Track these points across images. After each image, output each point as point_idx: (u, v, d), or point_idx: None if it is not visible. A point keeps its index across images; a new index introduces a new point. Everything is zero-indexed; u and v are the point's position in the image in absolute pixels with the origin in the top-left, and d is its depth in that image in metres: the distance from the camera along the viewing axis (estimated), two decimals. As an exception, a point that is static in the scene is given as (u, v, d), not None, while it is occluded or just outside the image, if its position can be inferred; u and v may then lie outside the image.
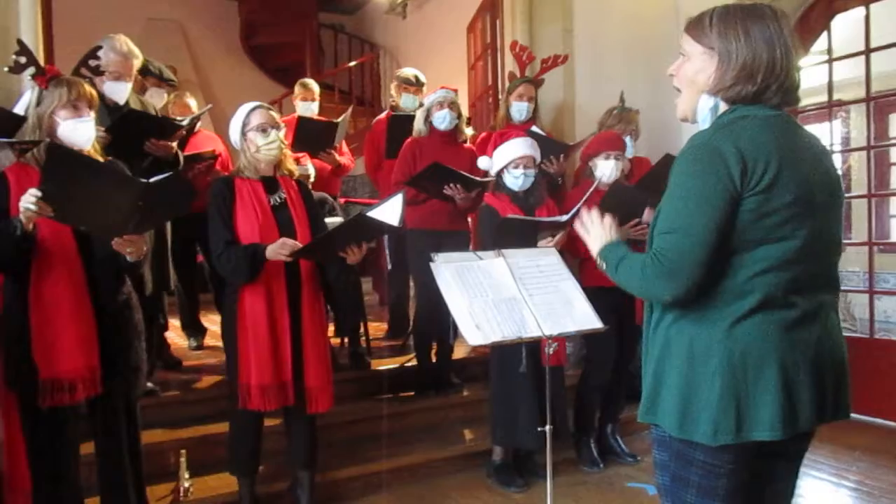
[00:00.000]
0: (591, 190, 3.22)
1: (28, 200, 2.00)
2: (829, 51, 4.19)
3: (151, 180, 2.07)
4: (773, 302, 1.43)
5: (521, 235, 3.06)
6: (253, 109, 2.72)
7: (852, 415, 1.60)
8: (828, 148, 1.59)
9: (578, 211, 3.06)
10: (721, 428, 1.41)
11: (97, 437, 2.41)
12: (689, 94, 1.55)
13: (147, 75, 3.89)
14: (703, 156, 1.42)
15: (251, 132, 2.69)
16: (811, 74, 4.40)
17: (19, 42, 2.33)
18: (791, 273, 1.44)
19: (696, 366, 1.45)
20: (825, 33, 4.17)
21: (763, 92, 1.45)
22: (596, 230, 1.69)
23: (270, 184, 2.72)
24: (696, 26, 1.53)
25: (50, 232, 2.18)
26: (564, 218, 3.06)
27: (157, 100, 3.88)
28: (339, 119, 4.36)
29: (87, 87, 2.30)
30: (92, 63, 2.49)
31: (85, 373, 2.21)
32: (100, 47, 2.94)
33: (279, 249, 2.51)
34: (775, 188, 1.40)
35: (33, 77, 2.27)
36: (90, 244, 2.26)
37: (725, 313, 1.44)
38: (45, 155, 2.11)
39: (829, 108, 4.38)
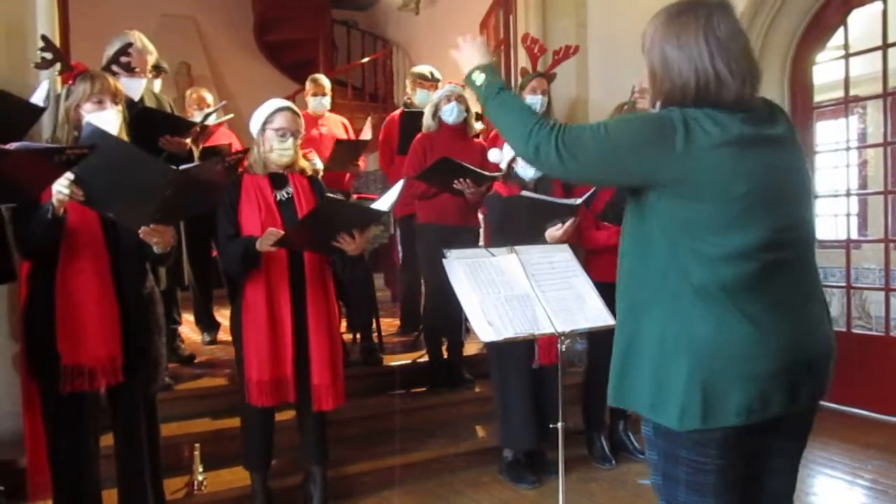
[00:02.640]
0: None
1: (61, 183, 2.04)
2: (846, 46, 4.14)
3: (181, 167, 2.09)
4: (737, 294, 1.42)
5: (531, 217, 3.04)
6: (280, 109, 2.72)
7: (867, 413, 1.59)
8: (799, 143, 1.59)
9: (593, 195, 3.05)
10: (687, 413, 1.42)
11: (116, 430, 2.43)
12: (646, 105, 1.70)
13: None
14: (654, 117, 1.47)
15: (270, 131, 2.70)
16: (827, 70, 4.36)
17: (44, 38, 2.36)
18: (754, 265, 1.43)
19: (666, 352, 1.46)
20: (841, 28, 4.12)
21: (707, 100, 1.45)
22: (468, 49, 1.70)
23: (278, 179, 2.73)
24: (643, 45, 1.61)
25: (78, 220, 2.21)
26: (578, 201, 3.04)
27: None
28: (369, 136, 4.50)
29: (111, 81, 2.34)
30: (123, 60, 2.53)
31: (106, 361, 2.24)
32: (130, 44, 2.96)
33: (265, 240, 2.52)
34: (724, 183, 1.41)
35: (60, 73, 2.32)
36: (117, 235, 2.28)
37: (689, 304, 1.44)
38: (82, 134, 2.14)
39: (846, 104, 4.33)
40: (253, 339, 2.61)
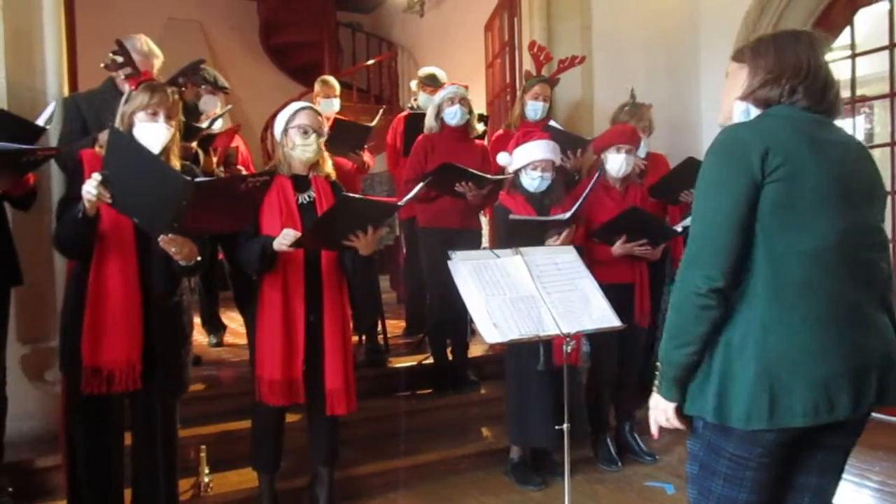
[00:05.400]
0: (593, 183, 3.20)
1: (90, 184, 2.10)
2: (853, 46, 4.14)
3: (196, 179, 2.11)
4: (807, 294, 1.45)
5: (530, 236, 3.06)
6: (302, 109, 2.76)
7: (875, 414, 1.59)
8: (865, 145, 1.64)
9: (580, 207, 3.06)
10: (754, 414, 1.44)
11: (134, 431, 2.46)
12: (726, 105, 1.70)
13: (203, 83, 3.91)
14: (724, 146, 1.52)
15: (293, 129, 2.72)
16: (834, 70, 4.34)
17: (118, 42, 2.41)
18: (824, 265, 1.46)
19: (733, 354, 1.48)
20: (848, 28, 4.11)
21: (791, 93, 1.54)
22: (657, 408, 1.63)
23: (301, 182, 2.74)
24: (736, 51, 1.68)
25: (111, 224, 2.25)
26: (567, 215, 3.05)
27: (210, 106, 3.90)
28: (373, 123, 4.43)
29: (171, 96, 2.37)
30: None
31: (124, 366, 2.26)
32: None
33: (281, 239, 2.53)
34: (795, 178, 1.45)
35: (126, 77, 2.38)
36: (148, 243, 2.30)
37: (758, 304, 1.47)
38: (108, 139, 2.19)
39: (853, 104, 4.32)
40: (267, 339, 2.61)
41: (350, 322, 2.83)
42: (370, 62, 9.06)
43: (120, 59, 2.39)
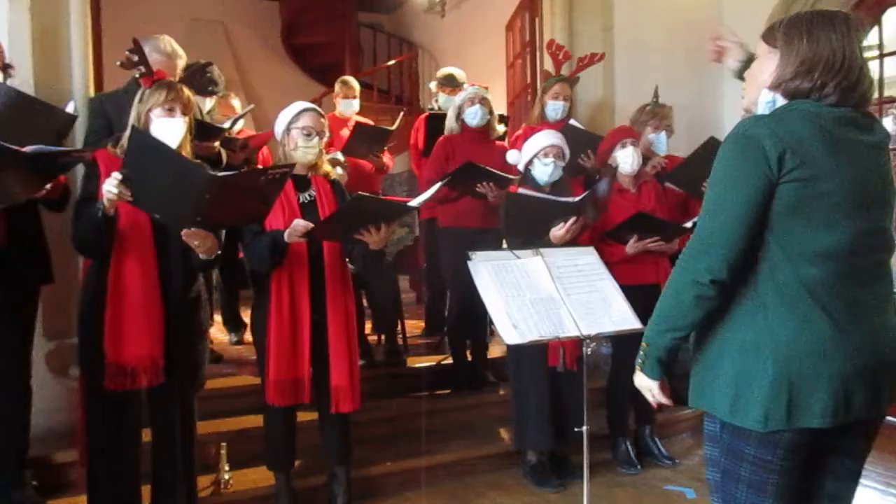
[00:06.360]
0: (604, 187, 3.17)
1: (110, 183, 2.12)
2: (881, 46, 4.07)
3: (220, 174, 2.13)
4: (820, 294, 1.44)
5: (533, 216, 3.03)
6: (305, 110, 2.78)
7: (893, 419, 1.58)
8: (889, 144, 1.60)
9: (589, 196, 3.04)
10: (772, 415, 1.43)
11: (153, 427, 2.48)
12: (752, 90, 1.64)
13: (210, 86, 3.93)
14: (740, 141, 1.49)
15: (295, 130, 2.74)
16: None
17: (135, 41, 2.45)
18: (837, 266, 1.45)
19: (748, 354, 1.46)
20: (876, 28, 4.05)
21: (820, 88, 1.49)
22: (641, 385, 1.67)
23: (301, 182, 2.76)
24: (767, 31, 1.61)
25: (129, 222, 2.28)
26: (575, 199, 3.03)
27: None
28: (394, 126, 4.46)
29: (185, 93, 2.42)
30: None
31: (147, 362, 2.30)
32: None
33: (294, 231, 2.54)
34: (812, 180, 1.43)
35: (140, 77, 2.42)
36: (166, 239, 2.34)
37: (772, 305, 1.45)
38: (128, 139, 2.22)
39: (880, 105, 4.26)
40: (273, 339, 2.63)
41: (354, 320, 2.84)
42: (390, 62, 9.08)
43: (135, 58, 2.41)
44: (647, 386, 1.64)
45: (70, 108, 2.76)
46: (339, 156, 3.99)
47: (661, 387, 1.62)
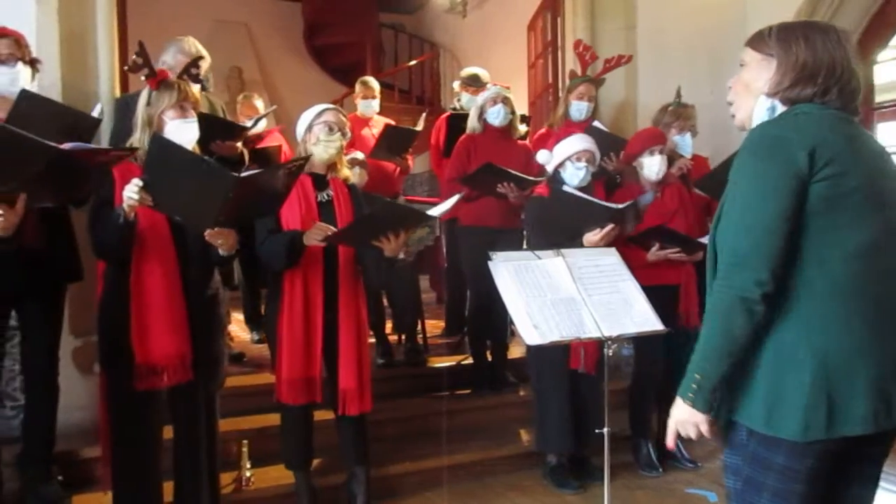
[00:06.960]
0: (643, 202, 3.15)
1: (131, 189, 2.13)
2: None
3: (243, 174, 2.15)
4: (853, 295, 1.41)
5: (571, 217, 3.02)
6: (328, 109, 2.81)
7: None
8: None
9: (632, 205, 3.02)
10: (812, 424, 1.38)
11: (177, 424, 2.51)
12: (745, 101, 1.59)
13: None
14: (765, 142, 1.44)
15: (317, 126, 2.76)
16: (889, 70, 4.21)
17: (140, 44, 2.47)
18: (867, 265, 1.42)
19: (784, 362, 1.42)
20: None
21: (823, 94, 1.47)
22: (685, 420, 1.55)
23: (320, 181, 2.78)
24: (756, 38, 1.58)
25: (149, 224, 2.30)
26: (619, 206, 3.01)
27: None
28: (419, 128, 4.49)
29: (193, 91, 2.44)
30: (193, 71, 2.66)
31: (176, 360, 2.31)
32: (200, 58, 3.07)
33: (314, 234, 2.55)
34: (841, 177, 1.40)
35: (146, 78, 2.43)
36: (185, 239, 2.36)
37: (805, 307, 1.42)
38: (149, 146, 2.24)
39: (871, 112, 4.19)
40: (287, 338, 2.64)
41: (366, 322, 2.85)
42: (412, 63, 9.10)
43: (140, 60, 2.42)
44: (696, 420, 1.50)
45: (96, 112, 2.80)
46: (360, 155, 4.00)
47: (710, 420, 1.52)
